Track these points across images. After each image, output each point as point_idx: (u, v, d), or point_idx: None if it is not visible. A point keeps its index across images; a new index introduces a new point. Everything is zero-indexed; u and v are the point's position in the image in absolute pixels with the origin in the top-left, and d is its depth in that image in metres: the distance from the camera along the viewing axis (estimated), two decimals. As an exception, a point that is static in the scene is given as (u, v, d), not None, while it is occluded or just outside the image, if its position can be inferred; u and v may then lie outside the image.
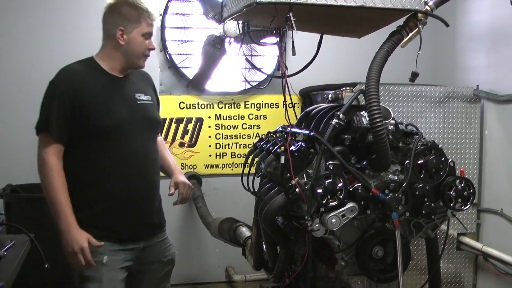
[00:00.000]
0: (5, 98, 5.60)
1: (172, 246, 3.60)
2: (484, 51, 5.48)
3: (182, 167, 5.94)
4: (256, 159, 3.57)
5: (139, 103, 3.32)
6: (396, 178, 3.10)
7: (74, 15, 5.70)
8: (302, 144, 3.10)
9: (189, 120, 5.94)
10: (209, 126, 6.05)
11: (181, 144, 5.96)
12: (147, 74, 3.60)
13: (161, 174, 3.55)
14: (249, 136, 6.15)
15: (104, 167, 3.21)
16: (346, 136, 3.14)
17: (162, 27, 5.79)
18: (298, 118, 3.78)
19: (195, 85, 5.93)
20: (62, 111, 3.12)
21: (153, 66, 4.88)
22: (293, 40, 3.14)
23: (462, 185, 3.13)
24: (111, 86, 3.25)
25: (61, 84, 3.19)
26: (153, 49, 3.33)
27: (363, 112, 3.08)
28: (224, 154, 6.14)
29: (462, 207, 3.14)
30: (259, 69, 5.74)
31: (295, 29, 2.92)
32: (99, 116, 3.14)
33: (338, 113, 3.10)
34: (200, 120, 6.02)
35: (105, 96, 3.19)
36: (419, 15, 3.13)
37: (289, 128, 3.36)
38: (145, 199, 3.34)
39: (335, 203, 2.92)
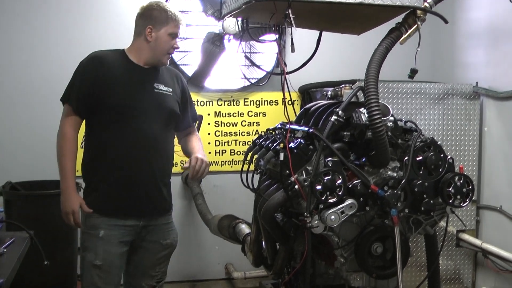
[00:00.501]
0: (5, 96, 5.61)
1: (174, 232, 3.77)
2: (483, 48, 5.48)
3: (182, 164, 5.94)
4: (256, 156, 3.57)
5: (156, 91, 3.56)
6: (395, 174, 3.10)
7: (75, 16, 5.70)
8: (301, 141, 3.10)
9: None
10: (209, 123, 6.05)
11: (181, 141, 5.95)
12: (176, 72, 3.87)
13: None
14: (248, 133, 6.16)
15: (110, 143, 3.48)
16: (345, 133, 3.14)
17: (161, 24, 5.79)
18: (297, 115, 3.78)
19: (195, 82, 5.93)
20: (84, 86, 3.46)
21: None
22: (292, 37, 3.14)
23: (461, 181, 3.13)
24: (132, 72, 3.54)
25: (87, 63, 3.53)
26: (177, 48, 3.60)
27: (362, 109, 3.08)
28: (224, 151, 6.14)
29: (461, 204, 3.15)
30: (258, 66, 5.74)
31: (294, 26, 2.92)
32: (114, 95, 3.44)
33: (337, 110, 3.10)
34: (199, 117, 6.01)
35: (124, 79, 3.50)
36: (418, 11, 3.13)
37: (288, 125, 3.36)
38: (146, 180, 3.52)
39: (334, 199, 2.93)
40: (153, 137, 3.51)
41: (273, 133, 3.66)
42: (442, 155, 3.13)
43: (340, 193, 2.93)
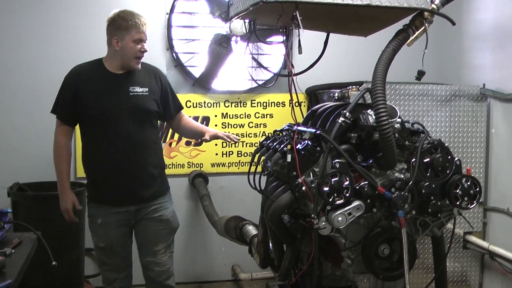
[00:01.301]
0: (13, 98, 5.62)
1: (169, 210, 4.23)
2: (490, 50, 5.47)
3: (189, 166, 5.95)
4: (263, 158, 3.57)
5: (131, 94, 3.98)
6: (402, 176, 3.10)
7: (79, 17, 5.71)
8: (309, 142, 3.11)
9: (196, 118, 5.93)
10: (216, 125, 6.05)
11: (188, 143, 5.95)
12: (155, 69, 4.26)
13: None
14: (255, 135, 6.16)
15: (96, 146, 4.03)
16: (352, 135, 3.15)
17: (169, 25, 5.80)
18: (304, 116, 3.79)
19: (202, 83, 5.94)
20: (66, 100, 4.00)
21: (159, 64, 4.88)
22: (299, 38, 3.16)
23: (469, 183, 3.13)
24: (107, 81, 3.98)
25: (67, 80, 4.06)
26: (144, 51, 3.96)
27: (370, 110, 3.08)
28: (231, 152, 6.14)
29: (469, 206, 3.15)
30: (265, 68, 5.75)
31: (301, 27, 2.93)
32: (91, 105, 3.93)
33: (345, 111, 3.10)
34: (206, 119, 6.02)
35: (99, 89, 3.96)
36: (425, 13, 3.14)
37: (295, 127, 3.37)
38: (129, 174, 4.01)
39: (341, 201, 2.93)
40: (131, 135, 3.97)
41: (280, 134, 3.66)
42: (449, 157, 3.13)
43: (347, 194, 2.94)
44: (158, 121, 4.31)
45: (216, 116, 6.06)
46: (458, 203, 3.12)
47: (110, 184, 4.03)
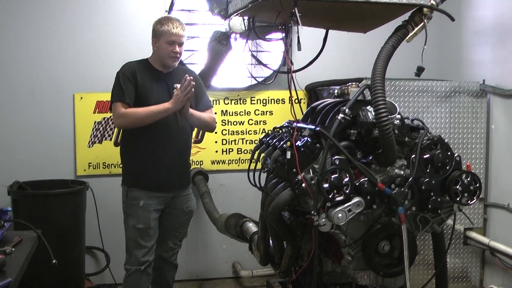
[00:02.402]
0: (12, 96, 5.62)
1: (193, 200, 4.77)
2: (490, 46, 5.46)
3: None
4: (263, 155, 3.57)
5: (174, 90, 4.27)
6: (402, 172, 3.10)
7: (83, 16, 5.71)
8: (308, 139, 3.11)
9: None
10: (215, 122, 6.04)
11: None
12: (190, 71, 4.84)
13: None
14: (255, 132, 6.15)
15: (144, 135, 4.36)
16: (352, 131, 3.15)
17: (168, 23, 5.80)
18: (304, 113, 3.78)
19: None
20: (130, 83, 4.33)
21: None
22: (298, 35, 3.14)
23: (468, 179, 3.13)
24: (155, 77, 4.45)
25: (125, 70, 4.40)
26: (176, 52, 4.38)
27: (369, 107, 3.08)
28: (231, 150, 6.14)
29: (469, 202, 3.14)
30: (264, 65, 5.73)
31: (300, 24, 2.93)
32: (144, 95, 4.34)
33: (344, 108, 3.10)
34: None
35: (150, 82, 4.40)
36: (425, 9, 3.13)
37: (295, 123, 3.36)
38: (172, 162, 4.46)
39: (341, 198, 2.93)
40: (174, 127, 4.41)
41: (280, 131, 3.66)
42: (449, 153, 3.13)
43: (347, 191, 2.94)
44: None
45: (216, 113, 6.02)
46: (458, 199, 3.12)
47: (153, 171, 4.41)
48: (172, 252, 4.76)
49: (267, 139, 3.61)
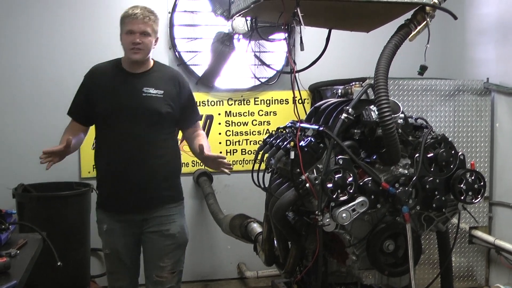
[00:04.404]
0: (16, 98, 5.63)
1: (177, 224, 3.91)
2: (494, 44, 5.45)
3: (193, 165, 5.95)
4: (266, 155, 3.57)
5: (144, 95, 3.77)
6: (406, 171, 3.09)
7: (85, 18, 5.71)
8: (312, 139, 3.11)
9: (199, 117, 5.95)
10: (219, 123, 6.05)
11: (192, 142, 5.95)
12: (176, 74, 4.06)
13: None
14: (259, 133, 6.15)
15: (104, 146, 3.87)
16: (355, 131, 3.15)
17: (171, 25, 5.80)
18: (307, 113, 3.78)
19: (205, 82, 5.93)
20: (80, 98, 3.90)
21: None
22: (301, 35, 3.15)
23: (473, 178, 3.12)
24: (121, 80, 3.82)
25: (84, 77, 3.94)
26: (136, 43, 3.72)
27: (372, 106, 3.08)
28: (235, 150, 6.14)
29: (473, 200, 3.14)
30: (268, 65, 5.74)
31: (303, 24, 2.93)
32: (101, 103, 3.78)
33: (347, 107, 3.10)
34: (210, 117, 6.02)
35: (112, 88, 3.81)
36: (427, 8, 3.13)
37: (298, 124, 3.36)
38: (135, 179, 3.76)
39: (345, 197, 2.93)
40: (141, 138, 3.74)
41: (284, 131, 3.66)
42: (453, 152, 3.13)
43: (351, 191, 2.94)
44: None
45: (219, 114, 6.06)
46: (462, 198, 3.12)
47: (114, 188, 3.81)
48: None
49: (271, 139, 3.62)
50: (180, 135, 4.11)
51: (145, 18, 3.75)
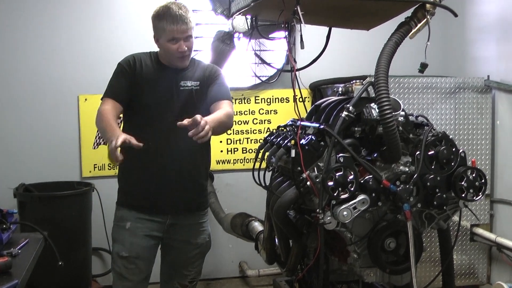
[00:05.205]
0: (17, 99, 5.63)
1: (206, 232, 3.83)
2: (494, 41, 5.45)
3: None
4: (267, 154, 3.57)
5: (182, 89, 3.61)
6: (407, 169, 3.09)
7: (84, 17, 5.72)
8: (312, 137, 3.10)
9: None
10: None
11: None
12: (208, 65, 3.84)
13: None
14: (260, 131, 6.15)
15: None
16: (356, 129, 3.14)
17: (171, 24, 5.80)
18: (308, 111, 3.78)
19: (205, 81, 5.93)
20: (123, 78, 3.58)
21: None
22: (301, 33, 3.15)
23: (474, 175, 3.12)
24: (160, 72, 3.63)
25: (124, 60, 3.65)
26: (183, 50, 3.51)
27: (373, 104, 3.08)
28: (236, 149, 6.14)
29: (474, 198, 3.13)
30: (268, 64, 5.74)
31: (303, 22, 2.92)
32: (146, 94, 3.57)
33: (348, 105, 3.09)
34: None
35: (154, 79, 3.59)
36: (427, 5, 3.12)
37: (299, 122, 3.36)
38: (168, 176, 3.58)
39: (346, 195, 2.92)
40: (180, 135, 3.33)
41: (284, 130, 3.66)
42: (454, 149, 3.12)
43: (352, 189, 2.93)
44: None
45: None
46: (463, 195, 3.11)
47: (150, 187, 3.60)
48: None
49: (272, 138, 3.61)
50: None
51: (186, 19, 3.49)
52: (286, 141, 3.29)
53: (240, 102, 6.10)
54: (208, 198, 3.88)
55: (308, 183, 2.98)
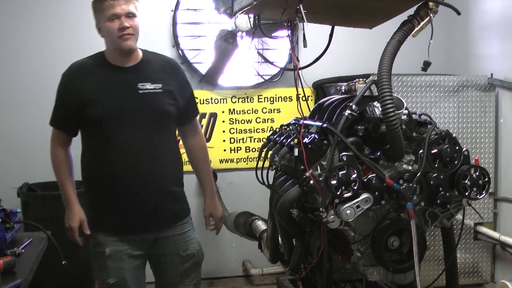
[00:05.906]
0: (20, 98, 5.64)
1: (194, 240, 3.47)
2: (498, 39, 5.44)
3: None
4: (270, 152, 3.57)
5: (141, 92, 3.23)
6: (410, 168, 3.09)
7: (80, 16, 5.70)
8: (316, 136, 3.11)
9: (203, 115, 5.94)
10: (223, 121, 6.05)
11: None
12: (169, 59, 3.55)
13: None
14: (263, 130, 6.15)
15: (101, 159, 3.24)
16: (359, 127, 3.14)
17: (174, 23, 5.79)
18: (311, 110, 3.78)
19: (208, 80, 5.93)
20: (65, 102, 3.32)
21: (165, 62, 4.90)
22: (304, 32, 3.14)
23: (477, 173, 3.12)
24: (112, 77, 3.26)
25: (64, 78, 3.38)
26: (125, 27, 3.19)
27: (376, 102, 3.07)
28: (239, 148, 6.14)
29: (478, 196, 3.13)
30: (271, 63, 5.73)
31: (305, 21, 2.93)
32: (94, 107, 3.18)
33: (351, 104, 3.10)
34: (214, 115, 6.02)
35: (103, 89, 3.23)
36: (430, 3, 3.11)
37: (302, 121, 3.36)
38: (139, 191, 3.23)
39: (349, 194, 2.92)
40: (145, 145, 3.21)
41: (287, 128, 3.66)
42: (457, 147, 3.12)
43: (355, 187, 2.93)
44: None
45: (223, 112, 6.06)
46: (467, 193, 3.11)
47: (121, 205, 3.25)
48: None
49: (275, 136, 3.62)
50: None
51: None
52: (289, 140, 3.29)
53: (243, 101, 6.10)
54: (188, 204, 3.53)
55: (311, 181, 2.99)
